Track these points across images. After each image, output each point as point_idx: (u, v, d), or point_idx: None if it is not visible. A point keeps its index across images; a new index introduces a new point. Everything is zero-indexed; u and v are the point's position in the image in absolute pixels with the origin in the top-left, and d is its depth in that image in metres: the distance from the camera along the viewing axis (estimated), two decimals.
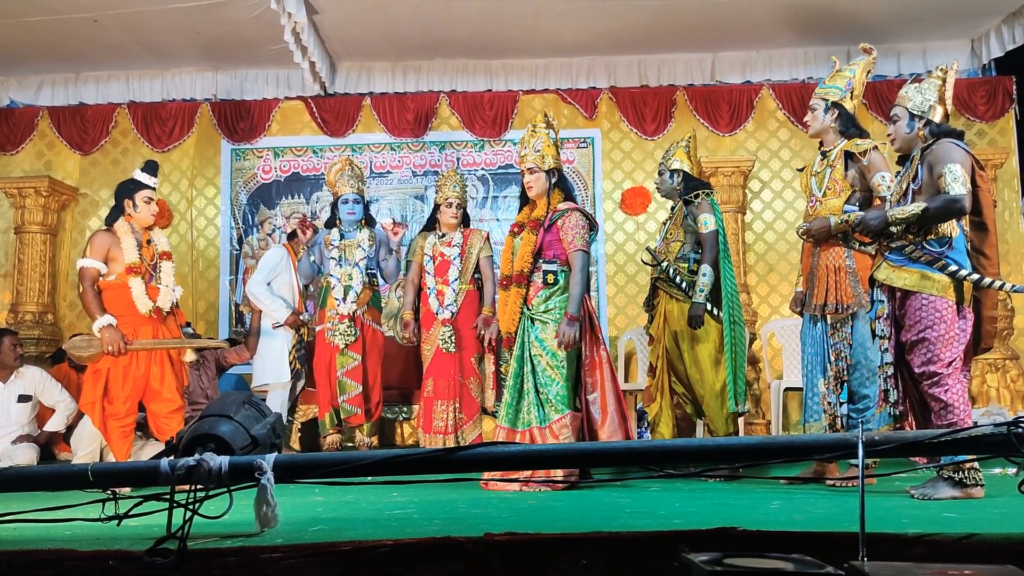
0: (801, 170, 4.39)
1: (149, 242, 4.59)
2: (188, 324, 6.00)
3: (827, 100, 4.06)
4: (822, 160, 4.11)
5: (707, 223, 4.62)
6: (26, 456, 5.29)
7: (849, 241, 3.97)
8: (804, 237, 4.10)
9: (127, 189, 4.58)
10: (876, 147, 3.96)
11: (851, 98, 4.08)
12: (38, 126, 7.40)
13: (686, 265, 4.68)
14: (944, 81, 3.54)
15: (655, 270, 4.80)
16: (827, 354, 4.01)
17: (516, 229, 4.40)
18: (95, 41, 6.67)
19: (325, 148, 7.37)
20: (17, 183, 7.06)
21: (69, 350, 4.52)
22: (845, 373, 3.97)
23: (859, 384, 3.95)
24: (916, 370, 3.39)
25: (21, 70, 7.26)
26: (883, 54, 7.07)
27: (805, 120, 4.23)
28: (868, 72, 4.17)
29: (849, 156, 4.00)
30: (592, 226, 4.30)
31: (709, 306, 4.57)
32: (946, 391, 3.31)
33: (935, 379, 3.33)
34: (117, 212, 4.58)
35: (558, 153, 4.39)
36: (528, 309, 4.22)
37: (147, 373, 4.46)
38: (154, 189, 4.62)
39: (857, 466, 1.86)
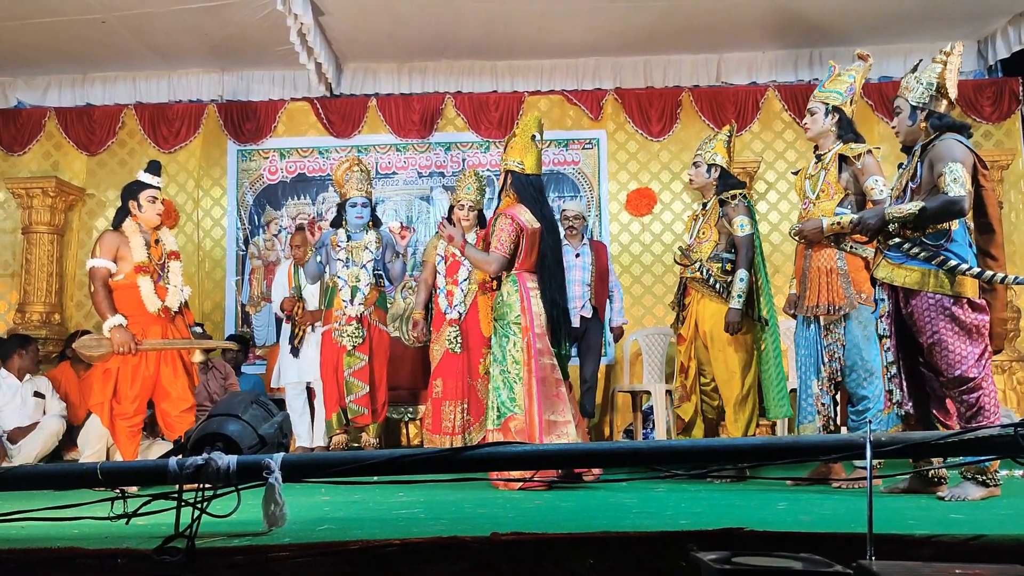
0: (796, 173, 4.39)
1: (157, 242, 4.62)
2: (200, 325, 6.05)
3: (828, 104, 4.08)
4: (816, 163, 4.13)
5: (743, 226, 4.50)
6: (55, 426, 5.45)
7: (841, 243, 3.96)
8: (796, 238, 4.11)
9: (131, 190, 4.62)
10: (870, 151, 3.97)
11: (850, 103, 4.10)
12: (45, 127, 7.43)
13: (719, 265, 4.56)
14: (945, 65, 3.42)
15: (686, 269, 4.69)
16: (821, 355, 4.02)
17: None
18: (102, 42, 6.70)
19: (331, 149, 7.38)
20: (24, 183, 7.09)
21: (79, 349, 4.54)
22: (839, 374, 3.97)
23: (856, 385, 3.95)
24: (943, 378, 3.31)
25: (28, 71, 7.29)
26: (890, 55, 7.08)
27: (804, 123, 4.21)
28: (865, 78, 4.19)
29: (843, 159, 4.02)
30: (520, 228, 4.22)
31: (747, 310, 4.49)
32: (978, 396, 3.23)
33: (966, 385, 3.25)
34: (123, 213, 4.61)
35: (523, 153, 4.32)
36: (494, 316, 4.32)
37: (157, 373, 4.48)
38: (158, 188, 4.64)
39: (864, 468, 1.86)
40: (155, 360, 4.47)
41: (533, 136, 4.36)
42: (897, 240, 3.40)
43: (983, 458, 2.94)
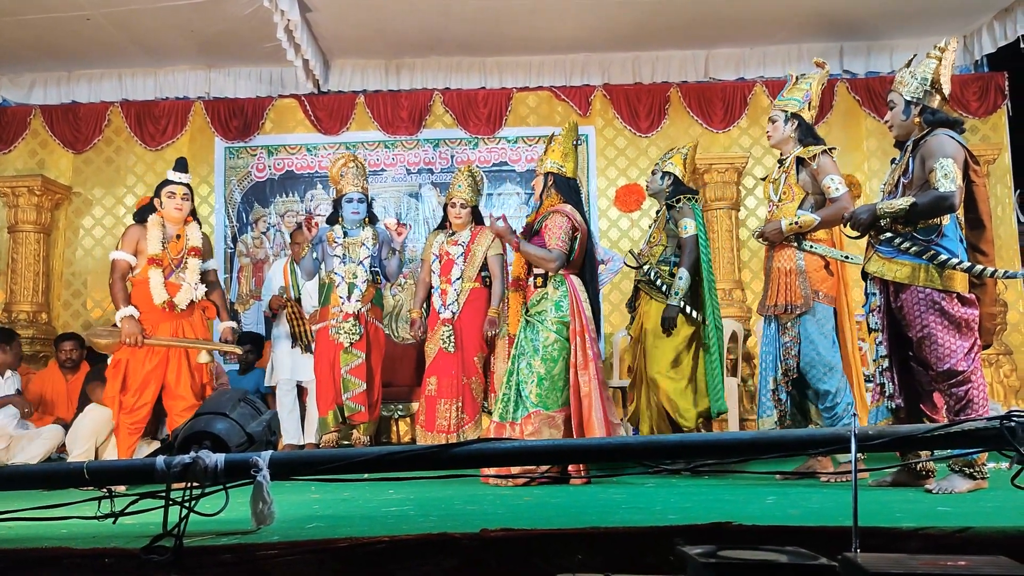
0: (764, 179, 4.49)
1: (179, 237, 4.62)
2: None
3: (787, 111, 4.19)
4: (779, 168, 4.24)
5: (687, 227, 4.65)
6: (57, 431, 5.30)
7: (801, 243, 4.05)
8: (759, 240, 4.25)
9: (157, 188, 4.69)
10: (826, 151, 4.07)
11: (808, 108, 4.21)
12: (31, 125, 7.38)
13: (667, 268, 4.71)
14: (940, 61, 3.46)
15: (638, 272, 4.85)
16: (779, 352, 4.09)
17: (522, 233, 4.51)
18: (88, 39, 6.65)
19: (319, 146, 7.36)
20: (10, 182, 7.05)
21: (90, 337, 4.66)
22: (794, 371, 4.03)
23: (817, 381, 4.00)
24: (932, 372, 3.34)
25: (13, 68, 7.23)
26: (876, 51, 7.11)
27: (767, 132, 4.33)
28: (822, 84, 4.31)
29: (800, 162, 4.10)
30: (575, 227, 4.29)
31: (686, 308, 4.59)
32: (967, 389, 3.27)
33: (956, 378, 3.28)
34: (148, 209, 4.65)
35: (563, 157, 4.43)
36: (526, 311, 4.29)
37: (163, 370, 4.47)
38: (178, 184, 4.63)
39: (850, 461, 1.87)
40: (162, 357, 4.47)
41: (574, 142, 4.49)
42: (888, 235, 3.43)
43: (970, 451, 2.96)
